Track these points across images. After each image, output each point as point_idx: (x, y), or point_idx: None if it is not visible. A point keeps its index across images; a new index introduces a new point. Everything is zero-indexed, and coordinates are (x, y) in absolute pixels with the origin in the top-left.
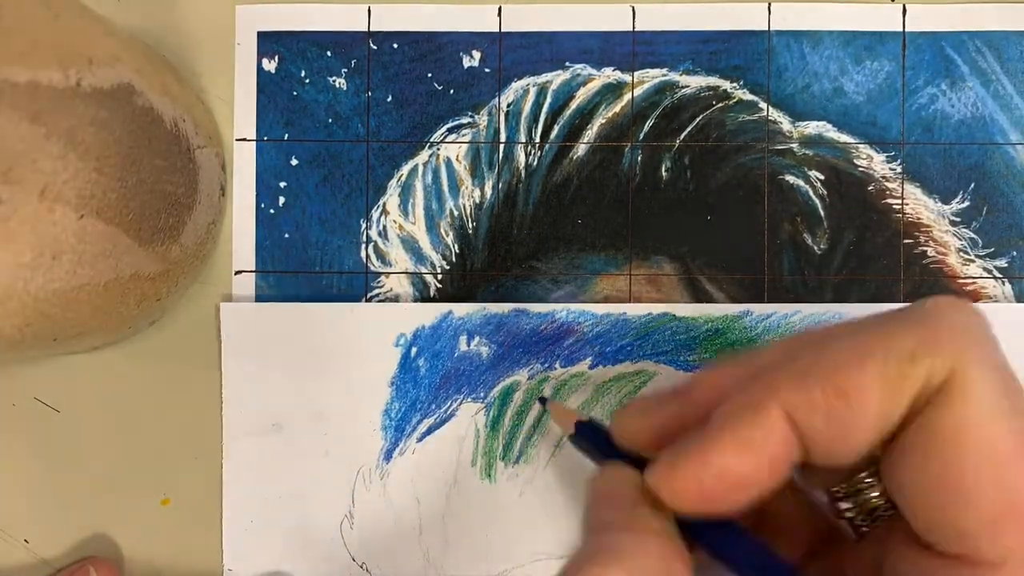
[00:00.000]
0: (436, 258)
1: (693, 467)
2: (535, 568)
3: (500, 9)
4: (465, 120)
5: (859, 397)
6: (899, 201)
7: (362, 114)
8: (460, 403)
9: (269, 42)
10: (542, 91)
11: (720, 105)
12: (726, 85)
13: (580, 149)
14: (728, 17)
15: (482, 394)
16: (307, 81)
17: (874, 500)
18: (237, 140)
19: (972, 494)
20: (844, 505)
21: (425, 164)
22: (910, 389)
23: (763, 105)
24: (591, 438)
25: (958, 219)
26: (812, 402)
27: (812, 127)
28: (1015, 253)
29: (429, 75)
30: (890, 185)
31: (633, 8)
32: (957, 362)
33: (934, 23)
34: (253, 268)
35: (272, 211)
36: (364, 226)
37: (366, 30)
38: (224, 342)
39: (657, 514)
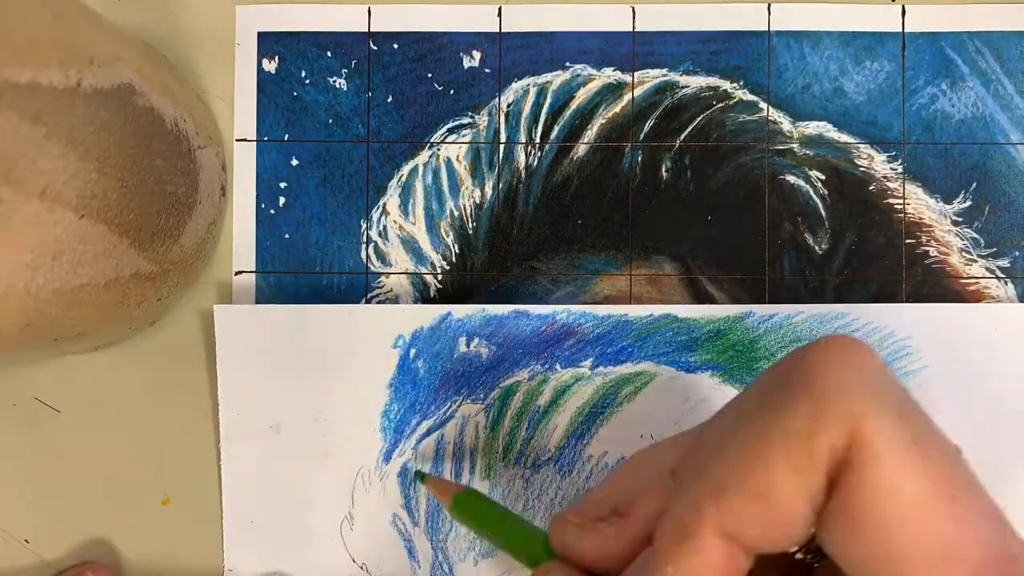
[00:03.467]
0: (436, 258)
1: None
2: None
3: (500, 9)
4: (465, 120)
5: (777, 495)
6: (900, 201)
7: (362, 114)
8: (460, 404)
9: (269, 42)
10: (542, 91)
11: (720, 105)
12: (726, 85)
13: (580, 149)
14: (728, 17)
15: (482, 395)
16: (307, 81)
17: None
18: (237, 140)
19: (904, 559)
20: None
21: (425, 164)
22: (820, 467)
23: (763, 105)
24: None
25: (960, 219)
26: (738, 516)
27: (812, 127)
28: (1018, 253)
29: (429, 75)
30: (891, 185)
31: (633, 8)
32: (853, 427)
33: (934, 23)
34: (253, 268)
35: (272, 211)
36: (364, 226)
37: (366, 30)
38: (218, 344)
39: None
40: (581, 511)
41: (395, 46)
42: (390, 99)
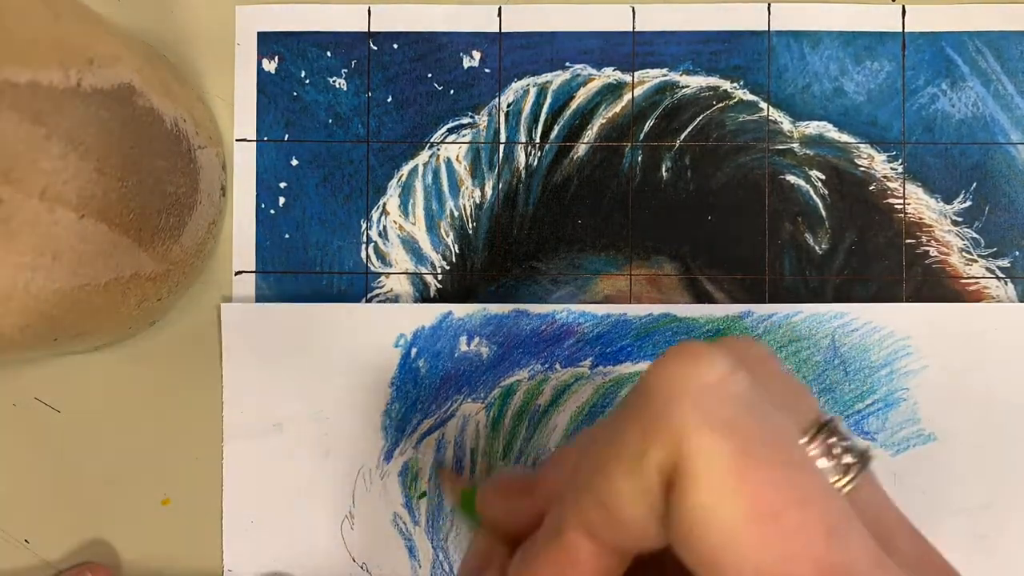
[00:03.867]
0: (436, 258)
1: None
2: None
3: (500, 9)
4: (465, 120)
5: (618, 506)
6: (900, 201)
7: (362, 114)
8: (460, 403)
9: (269, 42)
10: (542, 91)
11: (720, 105)
12: (726, 85)
13: (580, 149)
14: (728, 17)
15: (482, 395)
16: (307, 81)
17: None
18: (237, 140)
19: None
20: None
21: (425, 164)
22: (653, 483)
23: (763, 105)
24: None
25: (960, 219)
26: (591, 519)
27: (813, 127)
28: (1018, 253)
29: (429, 75)
30: (891, 185)
31: (633, 8)
32: (677, 447)
33: (934, 23)
34: (253, 268)
35: (272, 211)
36: (364, 226)
37: (366, 30)
38: (224, 343)
39: None
40: (503, 480)
41: (395, 46)
42: (390, 99)
